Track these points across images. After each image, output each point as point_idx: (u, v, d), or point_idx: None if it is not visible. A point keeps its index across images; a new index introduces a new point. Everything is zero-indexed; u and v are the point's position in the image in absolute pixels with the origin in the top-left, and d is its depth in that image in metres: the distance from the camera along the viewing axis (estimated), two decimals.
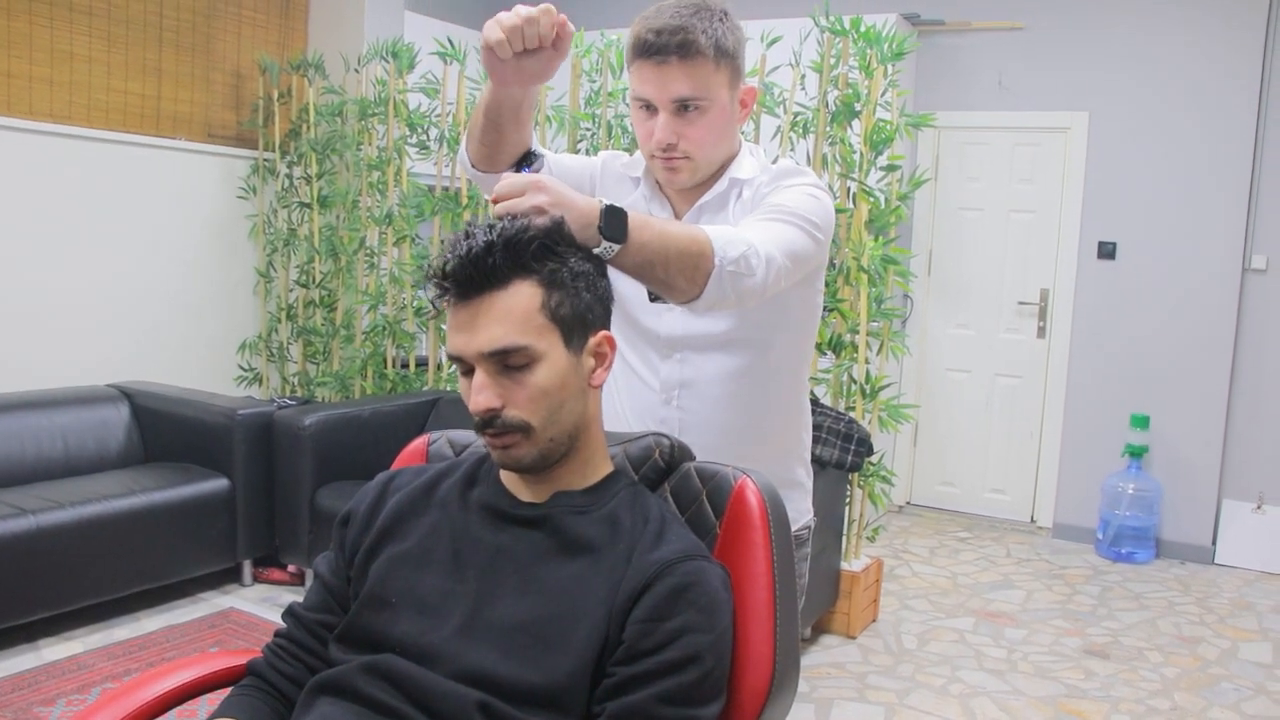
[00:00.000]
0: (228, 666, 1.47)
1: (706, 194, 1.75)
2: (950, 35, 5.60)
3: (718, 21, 1.62)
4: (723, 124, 1.68)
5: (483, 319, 1.24)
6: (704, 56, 1.60)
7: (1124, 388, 5.32)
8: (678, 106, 1.63)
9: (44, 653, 3.49)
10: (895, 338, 4.02)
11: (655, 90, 1.63)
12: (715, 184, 1.74)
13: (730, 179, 1.74)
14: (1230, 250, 5.07)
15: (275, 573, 4.27)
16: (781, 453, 1.86)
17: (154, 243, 5.04)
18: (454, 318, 1.26)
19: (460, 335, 1.25)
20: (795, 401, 1.87)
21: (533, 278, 1.25)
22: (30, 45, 4.52)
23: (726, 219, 1.72)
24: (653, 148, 1.67)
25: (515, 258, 1.24)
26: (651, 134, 1.66)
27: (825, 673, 3.64)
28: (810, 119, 4.05)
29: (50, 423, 4.11)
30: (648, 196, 1.80)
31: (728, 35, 1.63)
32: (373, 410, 4.35)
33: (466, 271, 1.23)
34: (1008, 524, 5.71)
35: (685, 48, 1.59)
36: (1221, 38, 5.01)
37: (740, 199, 1.73)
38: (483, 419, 1.26)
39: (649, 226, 1.37)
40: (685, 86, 1.61)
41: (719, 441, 1.71)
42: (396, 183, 5.10)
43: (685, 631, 1.19)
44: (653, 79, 1.62)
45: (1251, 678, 3.76)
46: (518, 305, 1.24)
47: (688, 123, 1.64)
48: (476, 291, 1.24)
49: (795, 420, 1.89)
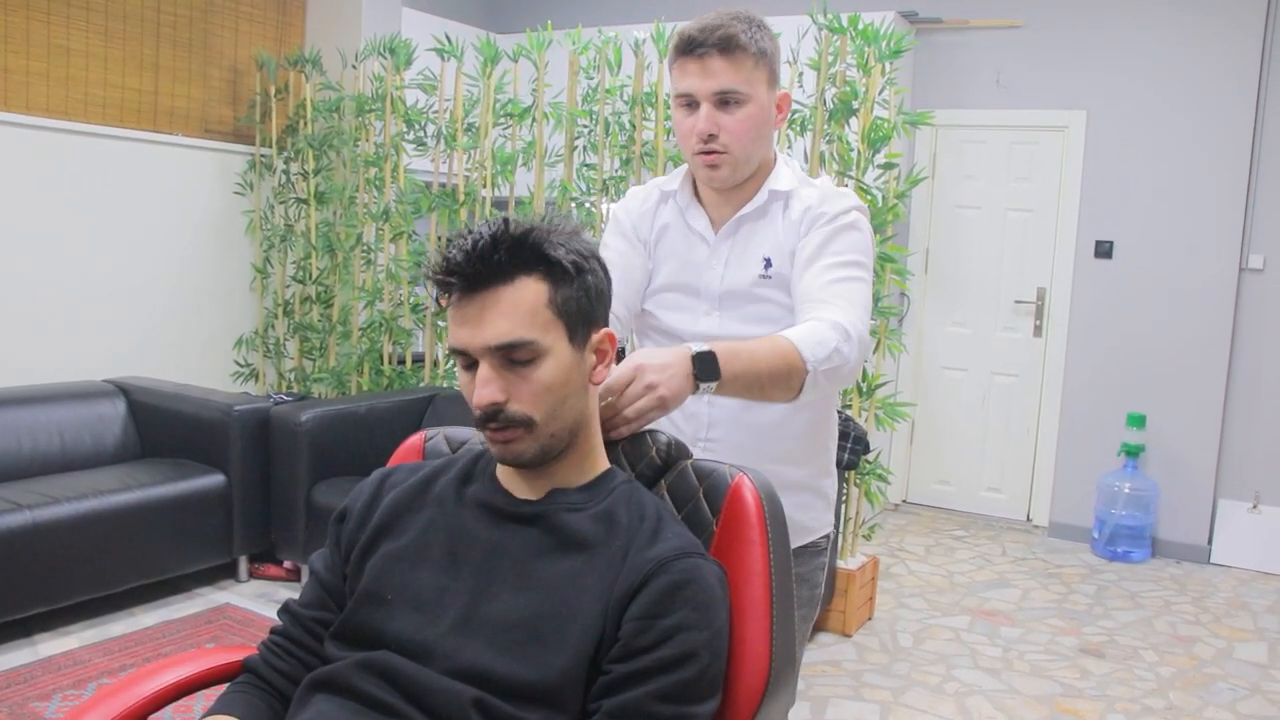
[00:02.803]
0: (223, 663, 1.47)
1: (746, 206, 1.78)
2: (948, 33, 5.60)
3: (756, 28, 1.71)
4: (761, 121, 1.72)
5: (489, 313, 1.24)
6: (744, 52, 1.68)
7: (1120, 387, 5.33)
8: (719, 99, 1.68)
9: (40, 648, 3.49)
10: (892, 336, 4.02)
11: (697, 82, 1.69)
12: (755, 196, 1.78)
13: (770, 191, 1.78)
14: (1227, 249, 5.08)
15: (271, 569, 4.27)
16: (810, 459, 1.87)
17: (150, 238, 5.03)
18: (457, 312, 1.26)
19: (465, 329, 1.25)
20: (827, 410, 1.89)
21: (538, 273, 1.25)
22: (27, 40, 4.51)
23: (769, 227, 1.77)
24: (694, 141, 1.71)
25: (521, 253, 1.24)
26: (693, 129, 1.71)
27: (821, 670, 3.64)
28: (808, 117, 4.05)
29: (47, 418, 4.10)
30: (684, 207, 1.84)
31: (766, 40, 1.72)
32: (369, 406, 4.35)
33: (474, 266, 1.23)
34: (1004, 522, 5.71)
35: (727, 41, 1.66)
36: (1219, 37, 5.01)
37: (787, 214, 1.77)
38: (485, 413, 1.26)
39: (738, 356, 1.44)
40: (727, 78, 1.67)
41: (748, 442, 1.75)
42: (393, 179, 5.10)
43: (681, 629, 1.19)
44: (695, 72, 1.69)
45: (1247, 677, 3.76)
46: (524, 300, 1.24)
47: (728, 115, 1.69)
48: (482, 286, 1.24)
49: (824, 429, 1.90)
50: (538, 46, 4.52)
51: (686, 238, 1.83)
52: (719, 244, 1.80)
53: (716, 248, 1.80)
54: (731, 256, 1.79)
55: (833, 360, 1.53)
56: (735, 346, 1.45)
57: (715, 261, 1.79)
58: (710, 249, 1.80)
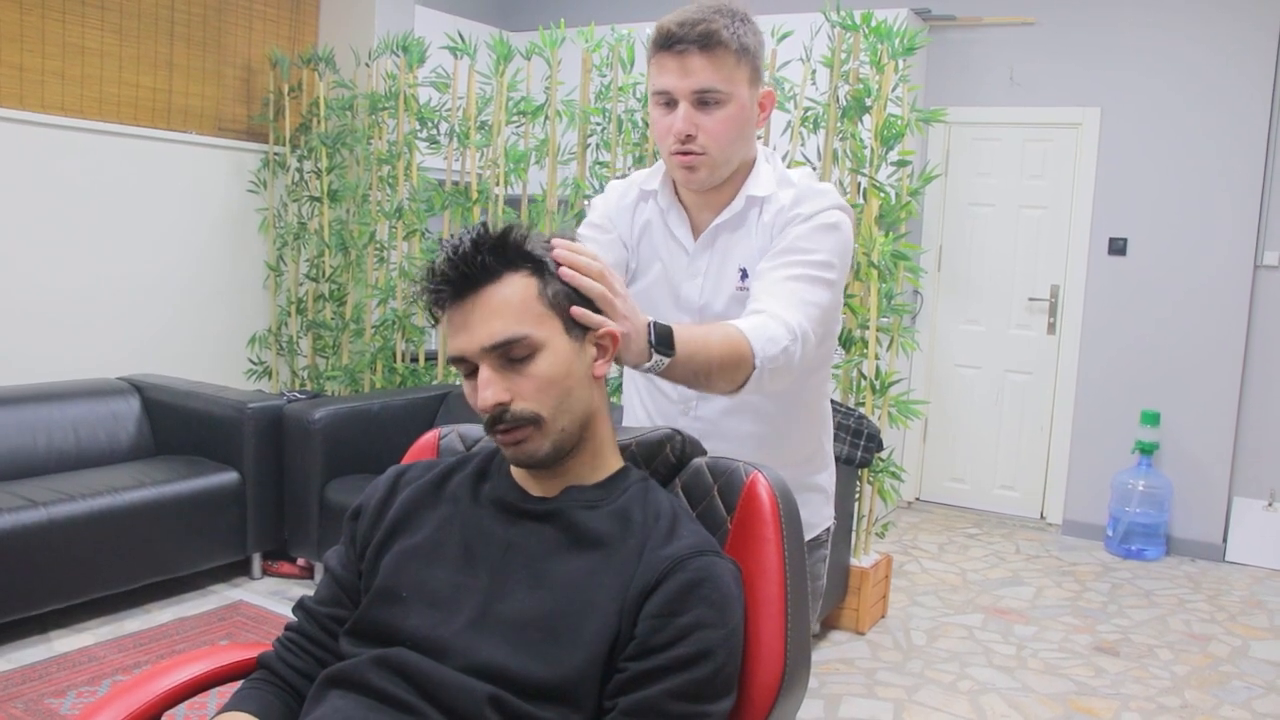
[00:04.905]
0: (237, 660, 1.47)
1: (723, 214, 1.73)
2: (961, 30, 5.58)
3: (739, 22, 1.62)
4: (742, 121, 1.66)
5: (480, 314, 1.24)
6: (726, 48, 1.60)
7: (1134, 384, 5.31)
8: (698, 98, 1.62)
9: (55, 644, 3.50)
10: (905, 333, 4.01)
11: (676, 80, 1.62)
12: (732, 203, 1.73)
13: (747, 197, 1.72)
14: (1242, 246, 5.05)
15: (285, 566, 4.28)
16: (802, 459, 1.86)
17: (164, 236, 5.05)
18: (452, 321, 1.27)
19: (460, 335, 1.26)
20: (815, 407, 1.87)
21: (524, 269, 1.26)
22: (42, 39, 4.53)
23: (746, 238, 1.72)
24: (671, 141, 1.65)
25: (504, 252, 1.25)
26: (670, 128, 1.64)
27: (834, 668, 3.64)
28: (821, 114, 4.04)
29: (61, 415, 4.12)
30: (665, 209, 1.79)
31: (749, 35, 1.63)
32: (382, 404, 4.36)
33: (458, 270, 1.24)
34: (1017, 520, 5.69)
35: (707, 38, 1.59)
36: (1234, 33, 4.98)
37: (761, 219, 1.71)
38: (492, 415, 1.25)
39: (692, 339, 1.39)
40: (706, 77, 1.60)
41: (738, 449, 1.71)
42: (406, 177, 5.10)
43: (697, 627, 1.19)
44: (674, 69, 1.62)
45: (1263, 676, 3.74)
46: (514, 296, 1.24)
47: (707, 115, 1.63)
48: (471, 289, 1.25)
49: (815, 426, 1.89)
50: (550, 44, 4.52)
51: (667, 243, 1.79)
52: (698, 254, 1.76)
53: (695, 258, 1.76)
54: (710, 268, 1.75)
55: (779, 360, 1.49)
56: (690, 330, 1.41)
57: (694, 272, 1.76)
58: (689, 259, 1.76)
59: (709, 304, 1.75)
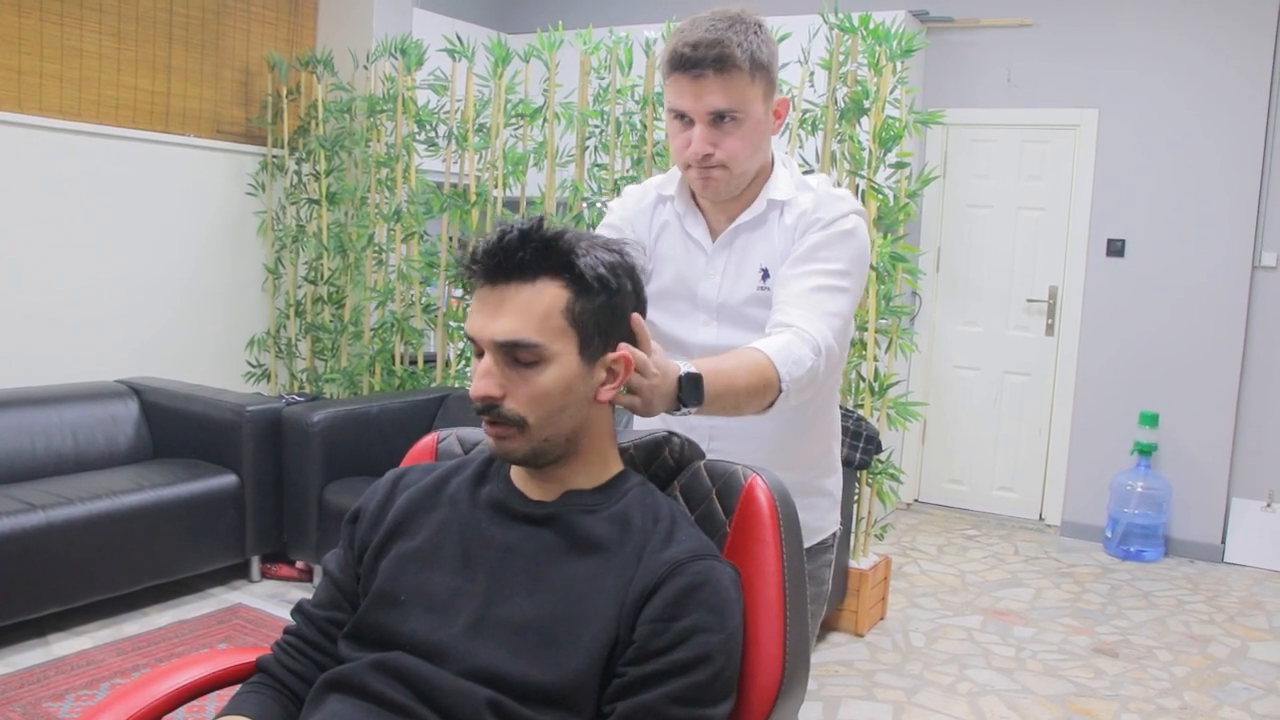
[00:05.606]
0: (236, 664, 1.47)
1: (743, 215, 1.76)
2: (959, 32, 5.59)
3: (753, 35, 1.63)
4: (758, 135, 1.69)
5: (505, 307, 1.24)
6: (740, 70, 1.61)
7: (1133, 385, 5.31)
8: (713, 118, 1.64)
9: (54, 648, 3.50)
10: (904, 335, 4.01)
11: (691, 103, 1.64)
12: (753, 204, 1.76)
13: (768, 200, 1.75)
14: (1240, 247, 5.05)
15: (283, 569, 4.28)
16: (812, 460, 1.87)
17: (163, 239, 5.05)
18: (478, 298, 1.27)
19: (479, 317, 1.26)
20: (824, 411, 1.88)
21: (562, 279, 1.25)
22: (41, 42, 4.53)
23: (766, 239, 1.75)
24: (688, 158, 1.68)
25: (547, 255, 1.24)
26: (687, 145, 1.67)
27: (833, 670, 3.64)
28: (819, 116, 4.04)
29: (59, 418, 4.12)
30: (681, 213, 1.81)
31: (763, 48, 1.64)
32: (381, 407, 4.36)
33: (496, 258, 1.24)
34: (1016, 522, 5.69)
35: (721, 61, 1.60)
36: (1231, 34, 4.99)
37: (782, 221, 1.74)
38: (481, 404, 1.27)
39: (719, 376, 1.40)
40: (721, 99, 1.62)
41: (753, 449, 1.73)
42: (405, 179, 5.10)
43: (696, 631, 1.19)
44: (689, 92, 1.64)
45: (1262, 677, 3.74)
46: (540, 302, 1.24)
47: (724, 133, 1.65)
48: (504, 278, 1.25)
49: (824, 430, 1.90)
50: (549, 47, 4.52)
51: (684, 243, 1.81)
52: (716, 254, 1.78)
53: (714, 258, 1.78)
54: (729, 268, 1.77)
55: (804, 380, 1.54)
56: (717, 366, 1.42)
57: (712, 271, 1.78)
58: (707, 258, 1.78)
59: (726, 302, 1.77)
